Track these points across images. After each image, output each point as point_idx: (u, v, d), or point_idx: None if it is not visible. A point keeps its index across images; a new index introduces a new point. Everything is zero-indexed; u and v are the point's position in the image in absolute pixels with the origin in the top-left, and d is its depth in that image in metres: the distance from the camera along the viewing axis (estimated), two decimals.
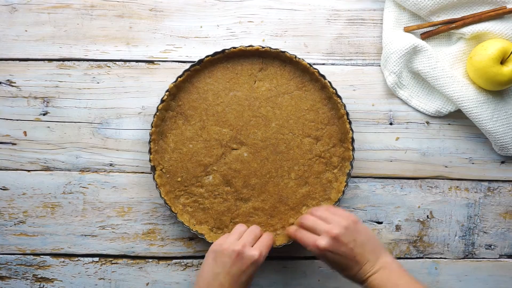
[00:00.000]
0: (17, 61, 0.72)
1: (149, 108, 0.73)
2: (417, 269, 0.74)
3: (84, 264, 0.73)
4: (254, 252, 0.60)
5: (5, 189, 0.73)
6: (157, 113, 0.69)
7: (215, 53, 0.69)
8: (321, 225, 0.61)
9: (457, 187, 0.74)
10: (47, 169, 0.73)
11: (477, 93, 0.70)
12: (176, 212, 0.69)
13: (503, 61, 0.67)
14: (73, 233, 0.73)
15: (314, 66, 0.70)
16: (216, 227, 0.71)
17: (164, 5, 0.73)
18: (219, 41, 0.73)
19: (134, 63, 0.73)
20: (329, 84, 0.69)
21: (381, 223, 0.74)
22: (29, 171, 0.73)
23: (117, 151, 0.73)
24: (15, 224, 0.73)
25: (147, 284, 0.73)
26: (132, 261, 0.74)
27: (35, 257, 0.73)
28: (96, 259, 0.73)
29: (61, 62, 0.73)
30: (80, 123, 0.73)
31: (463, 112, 0.71)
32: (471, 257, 0.75)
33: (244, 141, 0.71)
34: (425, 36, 0.72)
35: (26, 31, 0.72)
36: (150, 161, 0.69)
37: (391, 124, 0.74)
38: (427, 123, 0.74)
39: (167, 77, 0.73)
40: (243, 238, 0.62)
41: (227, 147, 0.71)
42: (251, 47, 0.69)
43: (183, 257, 0.74)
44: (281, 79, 0.71)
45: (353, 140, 0.69)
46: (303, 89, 0.71)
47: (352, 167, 0.69)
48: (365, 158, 0.73)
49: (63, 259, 0.73)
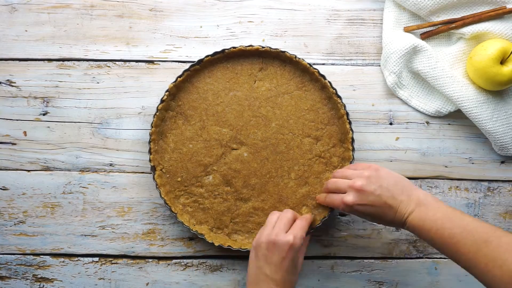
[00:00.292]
0: (17, 61, 0.72)
1: (149, 108, 0.73)
2: (417, 269, 0.74)
3: (84, 264, 0.73)
4: (288, 237, 0.60)
5: (5, 189, 0.73)
6: (157, 113, 0.69)
7: (215, 53, 0.69)
8: (344, 182, 0.62)
9: (457, 187, 0.74)
10: (47, 169, 0.73)
11: (477, 93, 0.70)
12: (176, 212, 0.69)
13: (503, 61, 0.67)
14: (73, 233, 0.73)
15: (314, 66, 0.70)
16: (216, 227, 0.71)
17: (164, 5, 0.73)
18: (219, 41, 0.73)
19: (134, 63, 0.73)
20: (329, 84, 0.69)
21: None
22: (29, 171, 0.73)
23: (117, 151, 0.73)
24: (15, 224, 0.73)
25: (147, 284, 0.73)
26: (132, 261, 0.74)
27: (35, 257, 0.73)
28: (96, 259, 0.73)
29: (61, 62, 0.73)
30: (80, 123, 0.73)
31: (463, 112, 0.71)
32: None
33: (244, 141, 0.71)
34: (425, 36, 0.72)
35: (26, 31, 0.72)
36: (150, 161, 0.69)
37: (391, 124, 0.74)
38: (427, 123, 0.74)
39: (167, 77, 0.73)
40: (275, 226, 0.62)
41: (227, 147, 0.71)
42: (251, 47, 0.69)
43: (183, 257, 0.74)
44: (281, 79, 0.71)
45: (353, 140, 0.69)
46: (303, 89, 0.71)
47: None
48: (365, 158, 0.73)
49: (63, 259, 0.73)
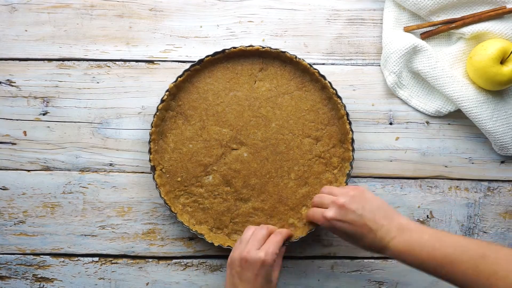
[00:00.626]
0: (17, 61, 0.72)
1: (149, 108, 0.73)
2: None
3: (84, 264, 0.73)
4: (260, 254, 0.60)
5: (5, 189, 0.73)
6: (157, 113, 0.69)
7: (215, 53, 0.69)
8: (328, 198, 0.62)
9: (457, 187, 0.74)
10: (47, 169, 0.73)
11: (477, 93, 0.70)
12: (176, 212, 0.69)
13: (503, 61, 0.67)
14: (73, 233, 0.73)
15: (314, 66, 0.70)
16: (215, 227, 0.71)
17: (164, 5, 0.73)
18: (219, 41, 0.73)
19: (134, 63, 0.73)
20: (329, 84, 0.69)
21: None
22: (29, 171, 0.73)
23: (117, 151, 0.73)
24: (15, 224, 0.73)
25: (147, 284, 0.73)
26: (132, 261, 0.74)
27: (35, 257, 0.73)
28: (96, 259, 0.73)
29: (61, 62, 0.73)
30: (80, 123, 0.73)
31: (463, 112, 0.71)
32: None
33: (244, 141, 0.71)
34: (425, 36, 0.72)
35: (26, 31, 0.72)
36: (150, 161, 0.69)
37: (391, 124, 0.74)
38: (427, 123, 0.74)
39: (167, 77, 0.73)
40: (249, 243, 0.62)
41: (227, 147, 0.71)
42: (251, 47, 0.69)
43: (183, 257, 0.74)
44: (281, 79, 0.71)
45: (353, 140, 0.69)
46: (303, 89, 0.71)
47: (352, 168, 0.69)
48: (365, 158, 0.73)
49: (63, 259, 0.73)
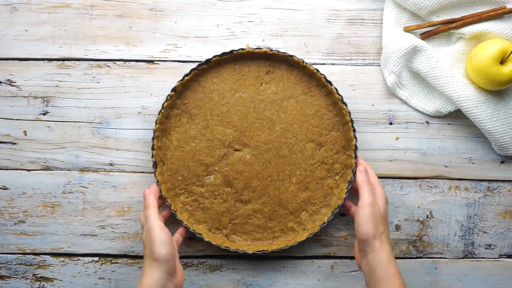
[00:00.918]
0: (17, 61, 0.72)
1: (149, 107, 0.73)
2: (417, 269, 0.74)
3: (84, 263, 0.73)
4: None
5: (5, 188, 0.73)
6: (162, 111, 0.69)
7: (223, 54, 0.69)
8: (377, 180, 0.67)
9: (457, 187, 0.74)
10: (47, 168, 0.73)
11: (476, 93, 0.70)
12: (175, 210, 0.69)
13: (502, 61, 0.67)
14: (73, 233, 0.73)
15: (314, 66, 0.70)
16: (214, 227, 0.71)
17: (164, 5, 0.73)
18: (219, 41, 0.73)
19: (134, 62, 0.73)
20: (335, 90, 0.69)
21: None
22: (29, 170, 0.73)
23: (117, 151, 0.73)
24: (15, 223, 0.73)
25: None
26: (132, 261, 0.74)
27: (35, 257, 0.73)
28: (96, 258, 0.73)
29: (61, 61, 0.73)
30: (80, 123, 0.73)
31: (463, 112, 0.71)
32: (470, 257, 0.75)
33: (247, 142, 0.71)
34: (425, 36, 0.72)
35: (26, 30, 0.72)
36: (152, 156, 0.69)
37: (391, 124, 0.74)
38: (427, 123, 0.74)
39: (167, 77, 0.73)
40: None
41: (230, 148, 0.71)
42: (259, 50, 0.69)
43: (183, 257, 0.74)
44: (288, 83, 0.71)
45: (356, 148, 0.69)
46: (309, 94, 0.71)
47: (354, 175, 0.69)
48: (365, 158, 0.73)
49: (63, 259, 0.73)
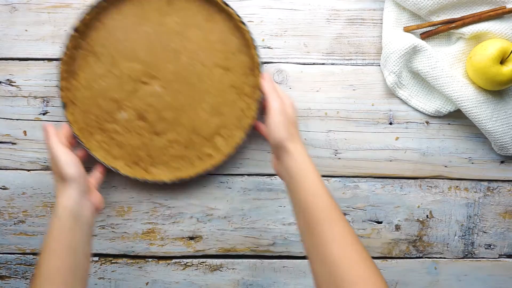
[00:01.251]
0: (17, 61, 0.72)
1: None
2: (417, 269, 0.74)
3: None
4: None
5: (5, 188, 0.73)
6: (66, 52, 0.68)
7: None
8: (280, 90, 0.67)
9: (457, 187, 0.74)
10: (47, 168, 0.73)
11: (476, 93, 0.70)
12: (89, 147, 0.69)
13: (502, 61, 0.67)
14: None
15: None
16: (132, 162, 0.71)
17: None
18: None
19: None
20: (234, 12, 0.68)
21: (380, 222, 0.74)
22: (29, 170, 0.73)
23: None
24: (15, 223, 0.73)
25: (147, 283, 0.74)
26: (132, 261, 0.74)
27: (35, 257, 0.73)
28: (95, 258, 0.73)
29: None
30: None
31: (463, 112, 0.71)
32: (470, 256, 0.75)
33: (155, 75, 0.70)
34: (425, 36, 0.72)
35: (26, 30, 0.72)
36: (61, 98, 0.68)
37: (390, 124, 0.74)
38: (427, 123, 0.74)
39: None
40: None
41: (139, 82, 0.70)
42: None
43: (182, 257, 0.74)
44: (189, 12, 0.70)
45: (260, 65, 0.68)
46: (211, 20, 0.70)
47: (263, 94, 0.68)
48: (365, 158, 0.73)
49: None
